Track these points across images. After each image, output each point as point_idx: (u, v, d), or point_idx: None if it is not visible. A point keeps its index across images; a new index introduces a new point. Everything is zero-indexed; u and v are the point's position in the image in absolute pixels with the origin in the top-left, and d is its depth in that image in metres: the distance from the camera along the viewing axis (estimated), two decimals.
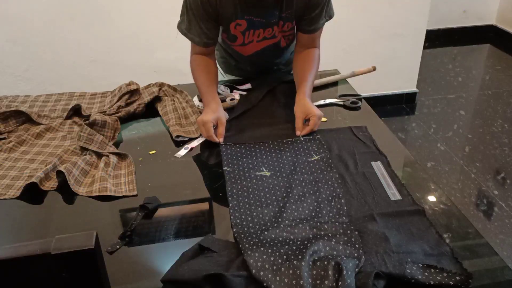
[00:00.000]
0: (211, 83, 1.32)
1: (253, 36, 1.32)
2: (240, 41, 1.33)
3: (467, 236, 0.88)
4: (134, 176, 1.08)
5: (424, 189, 1.02)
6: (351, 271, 0.75)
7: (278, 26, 1.31)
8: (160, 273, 0.79)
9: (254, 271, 0.76)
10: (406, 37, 2.83)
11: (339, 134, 1.21)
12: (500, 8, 4.02)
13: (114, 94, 1.44)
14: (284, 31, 1.33)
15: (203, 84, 1.31)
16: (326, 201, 0.96)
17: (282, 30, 1.32)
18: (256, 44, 1.35)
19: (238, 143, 1.18)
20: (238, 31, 1.30)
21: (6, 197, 1.03)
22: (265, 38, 1.33)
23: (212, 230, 0.92)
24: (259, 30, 1.30)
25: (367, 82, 2.12)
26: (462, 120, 2.92)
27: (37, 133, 1.27)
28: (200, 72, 1.33)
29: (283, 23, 1.30)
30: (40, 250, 0.62)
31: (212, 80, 1.33)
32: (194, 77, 1.35)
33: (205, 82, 1.31)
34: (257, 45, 1.36)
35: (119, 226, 0.94)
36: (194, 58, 1.36)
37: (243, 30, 1.29)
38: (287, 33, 1.35)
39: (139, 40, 2.47)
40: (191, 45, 1.35)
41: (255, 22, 1.28)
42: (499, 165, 2.46)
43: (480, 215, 2.14)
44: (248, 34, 1.31)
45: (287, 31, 1.34)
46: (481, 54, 3.95)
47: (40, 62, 2.47)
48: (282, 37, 1.36)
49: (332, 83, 1.52)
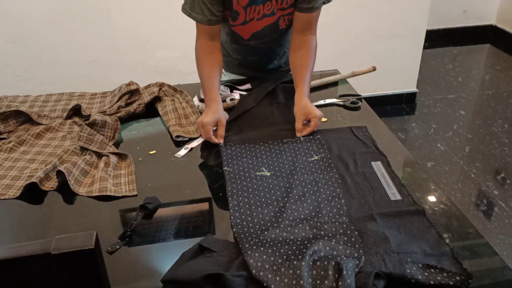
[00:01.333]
0: (213, 76, 1.31)
1: (254, 13, 1.32)
2: (242, 18, 1.33)
3: (467, 236, 0.88)
4: (134, 176, 1.08)
5: (424, 189, 1.02)
6: (351, 271, 0.75)
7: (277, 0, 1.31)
8: (160, 273, 0.79)
9: (254, 271, 0.76)
10: (406, 37, 2.83)
11: (339, 134, 1.21)
12: (500, 8, 4.02)
13: (114, 94, 1.44)
14: (284, 8, 1.33)
15: (206, 78, 1.30)
16: (326, 201, 0.96)
17: (281, 7, 1.33)
18: (256, 23, 1.35)
19: (238, 144, 1.18)
20: (240, 6, 1.30)
21: (6, 197, 1.03)
22: (265, 15, 1.34)
23: (212, 230, 0.92)
24: (259, 6, 1.31)
25: (367, 82, 2.13)
26: (462, 120, 2.92)
27: (37, 133, 1.27)
28: (204, 64, 1.32)
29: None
30: (40, 250, 0.62)
31: (215, 72, 1.32)
32: (197, 67, 1.33)
33: (208, 75, 1.30)
34: (257, 24, 1.36)
35: (119, 226, 0.94)
36: (199, 45, 1.34)
37: (245, 5, 1.30)
38: (285, 12, 1.35)
39: (139, 40, 2.47)
40: (196, 28, 1.34)
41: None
42: (499, 165, 2.46)
43: (480, 215, 2.14)
44: (250, 11, 1.31)
45: (286, 8, 1.34)
46: (481, 54, 3.95)
47: (40, 62, 2.47)
48: (281, 17, 1.36)
49: (332, 83, 1.52)
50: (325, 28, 2.83)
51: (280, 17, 1.35)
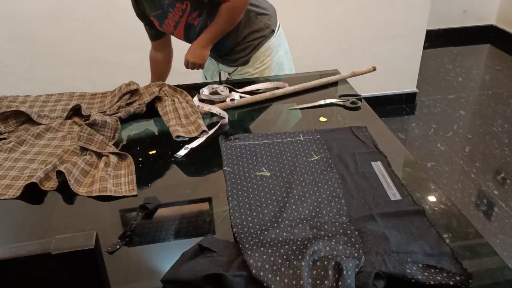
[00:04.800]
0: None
1: (169, 27, 1.51)
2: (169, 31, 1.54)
3: (467, 236, 0.88)
4: (134, 176, 1.08)
5: (424, 189, 1.02)
6: (351, 271, 0.75)
7: (173, 11, 1.44)
8: (160, 273, 0.79)
9: (254, 271, 0.76)
10: (406, 37, 2.83)
11: (339, 134, 1.21)
12: (500, 8, 4.02)
13: (114, 94, 1.44)
14: (181, 15, 1.44)
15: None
16: (326, 201, 0.96)
17: (179, 16, 1.44)
18: (177, 32, 1.52)
19: (239, 144, 1.18)
20: (160, 27, 1.53)
21: (6, 197, 1.03)
22: (177, 22, 1.47)
23: (212, 230, 0.92)
24: (167, 21, 1.48)
25: (367, 82, 2.13)
26: (462, 120, 2.92)
27: (37, 133, 1.27)
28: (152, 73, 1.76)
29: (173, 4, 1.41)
30: (40, 250, 0.62)
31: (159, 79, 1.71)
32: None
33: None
34: (179, 30, 1.51)
35: (119, 226, 0.94)
36: (150, 53, 1.73)
37: (158, 24, 1.52)
38: (185, 16, 1.45)
39: (139, 40, 2.46)
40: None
41: (158, 15, 1.47)
42: (499, 165, 2.46)
43: (480, 215, 2.14)
44: (165, 26, 1.51)
45: (183, 15, 1.44)
46: (481, 54, 3.95)
47: (40, 62, 2.47)
48: (187, 18, 1.46)
49: (332, 83, 1.52)
50: (325, 28, 2.85)
51: (186, 19, 1.45)
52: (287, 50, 1.69)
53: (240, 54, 1.58)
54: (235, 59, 1.59)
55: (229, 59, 1.61)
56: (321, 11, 2.65)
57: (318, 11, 2.63)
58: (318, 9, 2.63)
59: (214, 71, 1.75)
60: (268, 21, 1.57)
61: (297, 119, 1.33)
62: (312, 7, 2.62)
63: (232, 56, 1.59)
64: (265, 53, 1.58)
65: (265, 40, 1.57)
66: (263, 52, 1.58)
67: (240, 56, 1.58)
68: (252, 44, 1.56)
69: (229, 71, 1.66)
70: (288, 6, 2.52)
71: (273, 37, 1.59)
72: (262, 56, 1.59)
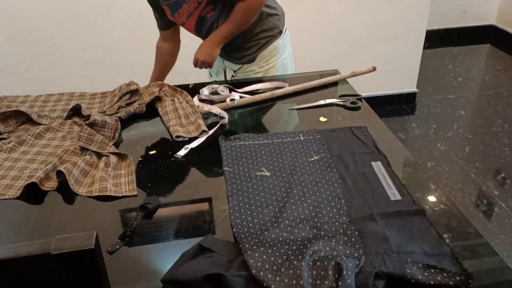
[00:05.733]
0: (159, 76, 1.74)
1: (182, 17, 1.51)
2: (180, 21, 1.54)
3: (467, 236, 0.88)
4: (134, 176, 1.08)
5: (424, 189, 1.02)
6: (351, 271, 0.75)
7: (189, 1, 1.44)
8: (160, 273, 0.79)
9: (254, 271, 0.76)
10: (406, 37, 2.83)
11: (339, 134, 1.21)
12: (500, 8, 4.02)
13: (114, 94, 1.44)
14: (196, 7, 1.44)
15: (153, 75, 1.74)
16: (326, 201, 0.96)
17: (195, 7, 1.45)
18: (191, 22, 1.52)
19: (238, 144, 1.18)
20: (171, 16, 1.53)
21: (6, 197, 1.03)
22: (190, 13, 1.47)
23: (212, 230, 0.92)
24: (181, 10, 1.48)
25: (367, 82, 2.13)
26: (462, 120, 2.92)
27: (37, 133, 1.27)
28: (155, 62, 1.75)
29: None
30: (40, 250, 0.62)
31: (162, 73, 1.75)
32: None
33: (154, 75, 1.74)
34: (191, 22, 1.51)
35: (119, 226, 0.94)
36: (157, 42, 1.72)
37: (170, 14, 1.52)
38: (200, 8, 1.45)
39: (139, 40, 2.47)
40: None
41: (172, 4, 1.47)
42: (499, 165, 2.46)
43: (480, 215, 2.14)
44: (178, 16, 1.51)
45: (198, 7, 1.44)
46: (481, 54, 3.95)
47: (40, 62, 2.47)
48: (202, 11, 1.46)
49: (332, 83, 1.52)
50: (325, 28, 2.85)
51: (200, 12, 1.45)
52: (291, 53, 1.70)
53: (247, 51, 1.59)
54: (241, 56, 1.60)
55: (235, 56, 1.61)
56: (321, 11, 2.65)
57: (318, 11, 2.63)
58: (318, 9, 2.63)
59: (219, 68, 1.75)
60: (278, 21, 1.58)
61: (297, 119, 1.33)
62: (312, 7, 2.62)
63: (239, 53, 1.60)
64: (272, 52, 1.59)
65: (272, 40, 1.58)
66: (269, 51, 1.59)
67: (247, 53, 1.59)
68: (259, 42, 1.57)
69: (234, 68, 1.66)
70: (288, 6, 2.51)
71: (280, 38, 1.60)
72: (268, 56, 1.59)
